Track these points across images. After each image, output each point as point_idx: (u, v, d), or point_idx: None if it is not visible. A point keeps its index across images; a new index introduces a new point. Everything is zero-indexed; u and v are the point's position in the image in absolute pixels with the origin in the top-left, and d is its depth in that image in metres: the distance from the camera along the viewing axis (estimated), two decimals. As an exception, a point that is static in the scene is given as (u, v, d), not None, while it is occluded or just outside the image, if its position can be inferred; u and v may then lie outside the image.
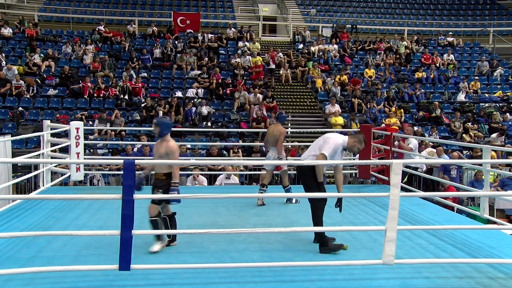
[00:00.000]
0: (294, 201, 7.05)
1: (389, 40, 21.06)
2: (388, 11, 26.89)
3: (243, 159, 10.93)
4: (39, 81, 15.76)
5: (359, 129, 6.35)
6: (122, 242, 3.58)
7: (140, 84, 15.96)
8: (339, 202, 5.02)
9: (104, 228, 5.32)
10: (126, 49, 18.38)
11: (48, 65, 16.79)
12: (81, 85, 15.55)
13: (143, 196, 3.84)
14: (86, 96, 15.38)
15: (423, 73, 18.60)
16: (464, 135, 14.82)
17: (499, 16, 26.61)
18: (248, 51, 18.44)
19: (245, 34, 20.11)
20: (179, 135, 13.27)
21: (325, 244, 4.72)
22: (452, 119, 16.07)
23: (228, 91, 16.20)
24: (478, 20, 25.98)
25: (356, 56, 20.04)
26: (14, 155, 9.10)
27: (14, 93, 15.05)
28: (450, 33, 23.39)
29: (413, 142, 8.46)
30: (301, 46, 20.44)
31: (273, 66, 18.28)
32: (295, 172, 9.86)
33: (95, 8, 23.68)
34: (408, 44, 20.71)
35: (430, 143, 11.59)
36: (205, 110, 14.84)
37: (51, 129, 8.02)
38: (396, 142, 8.57)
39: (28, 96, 15.07)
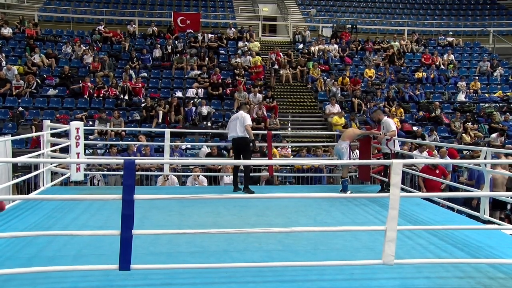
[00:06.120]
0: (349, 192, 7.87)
1: (389, 40, 21.07)
2: (388, 11, 26.90)
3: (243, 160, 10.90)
4: (39, 81, 15.76)
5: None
6: (122, 242, 3.57)
7: (140, 84, 15.96)
8: None
9: (104, 228, 5.31)
10: (126, 49, 18.38)
11: (48, 65, 16.80)
12: (81, 85, 15.55)
13: (143, 196, 3.83)
14: (86, 96, 15.37)
15: (423, 73, 18.60)
16: (464, 135, 14.82)
17: (499, 16, 26.62)
18: (248, 51, 18.45)
19: (245, 34, 20.11)
20: (179, 135, 13.27)
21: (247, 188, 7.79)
22: (452, 119, 16.07)
23: (228, 91, 16.19)
24: (478, 20, 25.99)
25: (356, 56, 20.04)
26: (14, 155, 9.09)
27: (14, 93, 15.06)
28: (450, 33, 23.42)
29: (389, 122, 8.25)
30: (301, 46, 20.45)
31: (276, 66, 18.17)
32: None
33: (95, 8, 23.69)
34: (404, 43, 20.75)
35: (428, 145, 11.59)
36: (205, 110, 14.84)
37: (51, 129, 8.02)
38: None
39: (27, 95, 15.06)
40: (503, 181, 9.31)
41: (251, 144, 8.08)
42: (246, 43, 19.40)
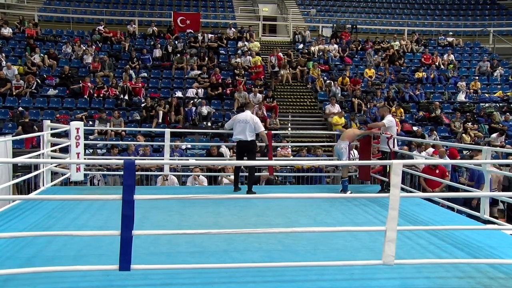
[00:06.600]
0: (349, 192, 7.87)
1: (389, 40, 21.07)
2: (388, 11, 26.91)
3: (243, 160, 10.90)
4: (39, 81, 15.77)
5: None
6: (122, 242, 3.57)
7: (140, 84, 15.96)
8: None
9: (104, 228, 5.31)
10: (126, 49, 18.38)
11: (49, 65, 16.80)
12: (81, 85, 15.55)
13: (143, 196, 3.83)
14: (86, 96, 15.38)
15: (423, 73, 18.60)
16: (464, 135, 14.83)
17: (499, 16, 26.62)
18: (248, 51, 18.44)
19: (245, 34, 20.10)
20: (179, 135, 13.27)
21: (250, 190, 7.77)
22: (452, 119, 16.07)
23: (228, 91, 16.20)
24: (478, 20, 26.00)
25: (356, 56, 20.04)
26: (14, 155, 9.09)
27: (14, 93, 15.06)
28: (450, 33, 23.42)
29: (388, 118, 8.33)
30: (301, 46, 20.45)
31: (277, 69, 18.09)
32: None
33: (95, 8, 23.69)
34: (404, 43, 20.77)
35: (430, 144, 11.59)
36: (205, 110, 14.84)
37: (51, 129, 8.01)
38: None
39: (27, 95, 15.05)
40: (496, 179, 9.36)
41: (265, 148, 8.20)
42: (246, 43, 19.40)
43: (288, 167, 11.49)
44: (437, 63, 19.58)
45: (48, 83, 15.92)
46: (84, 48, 17.81)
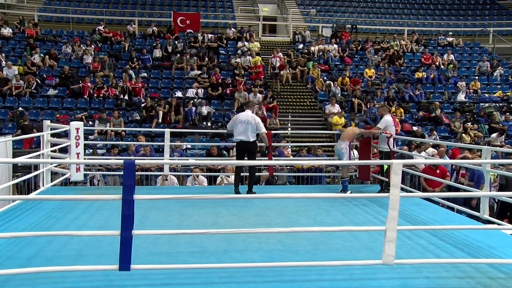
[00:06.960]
0: (348, 192, 7.91)
1: (389, 40, 21.07)
2: (388, 11, 26.91)
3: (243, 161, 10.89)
4: (39, 81, 15.76)
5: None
6: (122, 242, 3.57)
7: (140, 84, 15.96)
8: None
9: (104, 228, 5.31)
10: (126, 49, 18.38)
11: (49, 65, 16.81)
12: (81, 85, 15.55)
13: (143, 196, 3.83)
14: (86, 96, 15.38)
15: (423, 73, 18.61)
16: (463, 135, 14.83)
17: (499, 16, 26.63)
18: (248, 51, 18.43)
19: (245, 34, 20.10)
20: (179, 135, 13.27)
21: (251, 191, 7.76)
22: (452, 119, 16.07)
23: (228, 91, 16.19)
24: (478, 20, 26.00)
25: (356, 56, 20.04)
26: (14, 155, 9.10)
27: (14, 93, 15.05)
28: (450, 33, 23.43)
29: (384, 118, 8.30)
30: (301, 46, 20.45)
31: (277, 70, 18.02)
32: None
33: (95, 8, 23.70)
34: (404, 43, 20.77)
35: (430, 143, 11.60)
36: (205, 110, 14.84)
37: (51, 129, 8.01)
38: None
39: (27, 95, 15.05)
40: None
41: (265, 149, 8.27)
42: (246, 43, 19.39)
43: (288, 167, 11.49)
44: (437, 63, 19.58)
45: (48, 83, 15.92)
46: (84, 48, 17.81)
